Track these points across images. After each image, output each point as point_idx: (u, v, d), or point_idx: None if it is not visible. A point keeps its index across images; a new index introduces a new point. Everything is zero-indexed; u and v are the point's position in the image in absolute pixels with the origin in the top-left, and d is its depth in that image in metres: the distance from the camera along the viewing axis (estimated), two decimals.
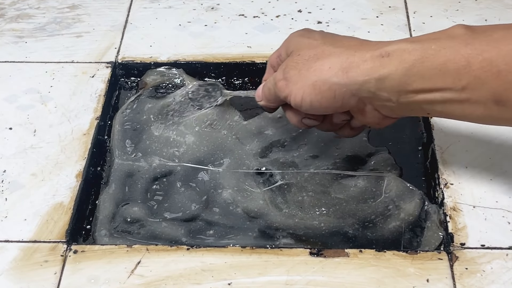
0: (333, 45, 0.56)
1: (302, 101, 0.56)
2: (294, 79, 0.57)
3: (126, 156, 0.68)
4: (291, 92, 0.57)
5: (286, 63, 0.58)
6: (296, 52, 0.58)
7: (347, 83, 0.54)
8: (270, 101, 0.62)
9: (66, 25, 0.83)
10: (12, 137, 0.69)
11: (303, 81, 0.56)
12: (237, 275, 0.56)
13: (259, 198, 0.64)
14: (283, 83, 0.58)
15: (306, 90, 0.56)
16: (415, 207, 0.62)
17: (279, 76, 0.58)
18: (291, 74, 0.57)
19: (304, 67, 0.56)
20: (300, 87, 0.56)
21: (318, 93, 0.55)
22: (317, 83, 0.55)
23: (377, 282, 0.55)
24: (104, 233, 0.62)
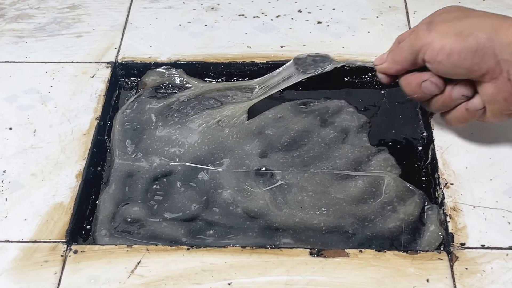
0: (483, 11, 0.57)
1: (441, 50, 0.55)
2: (439, 29, 0.56)
3: (126, 156, 0.68)
4: (432, 41, 0.56)
5: (432, 18, 0.58)
6: (445, 12, 0.58)
7: (493, 39, 0.54)
8: (396, 61, 0.61)
9: (66, 25, 0.83)
10: (12, 137, 0.69)
11: (449, 31, 0.55)
12: (237, 275, 0.56)
13: (259, 198, 0.64)
14: (425, 32, 0.57)
15: (449, 40, 0.55)
16: (415, 207, 0.62)
17: (422, 27, 0.58)
18: (436, 26, 0.57)
19: (453, 20, 0.56)
20: (443, 37, 0.55)
21: (462, 41, 0.55)
22: (463, 32, 0.55)
23: (377, 282, 0.55)
24: (104, 233, 0.62)
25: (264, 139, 0.69)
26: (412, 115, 0.72)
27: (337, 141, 0.69)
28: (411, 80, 0.60)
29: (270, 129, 0.70)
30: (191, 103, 0.73)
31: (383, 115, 0.73)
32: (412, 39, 0.59)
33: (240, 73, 0.78)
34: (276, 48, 0.78)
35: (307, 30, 0.81)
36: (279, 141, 0.69)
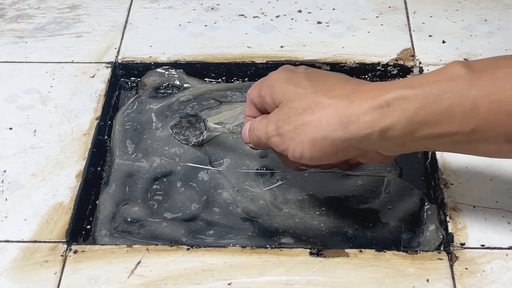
0: (325, 95, 0.53)
1: (302, 156, 0.54)
2: (290, 135, 0.54)
3: (127, 156, 0.68)
4: (288, 148, 0.54)
5: (277, 116, 0.55)
6: (286, 105, 0.55)
7: (348, 138, 0.52)
8: (260, 147, 0.60)
9: (66, 25, 0.83)
10: (12, 137, 0.69)
11: (301, 137, 0.53)
12: (237, 275, 0.56)
13: (259, 198, 0.64)
14: (278, 139, 0.55)
15: (305, 146, 0.53)
16: (415, 207, 0.62)
17: (272, 131, 0.55)
18: (285, 130, 0.54)
19: (298, 121, 0.53)
20: (298, 143, 0.53)
21: (319, 149, 0.53)
22: (316, 139, 0.52)
23: (377, 282, 0.55)
24: (104, 233, 0.61)
25: None
26: None
27: None
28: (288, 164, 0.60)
29: None
30: (190, 103, 0.74)
31: None
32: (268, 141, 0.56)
33: (240, 73, 0.78)
34: (276, 48, 0.79)
35: (307, 30, 0.81)
36: None
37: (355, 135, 0.51)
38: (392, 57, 0.77)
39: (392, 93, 0.50)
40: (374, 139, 0.51)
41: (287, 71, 0.58)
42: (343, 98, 0.52)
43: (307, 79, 0.55)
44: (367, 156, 0.55)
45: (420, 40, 0.79)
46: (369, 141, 0.51)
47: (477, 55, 0.76)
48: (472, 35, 0.79)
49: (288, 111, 0.54)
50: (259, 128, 0.57)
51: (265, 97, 0.57)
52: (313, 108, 0.53)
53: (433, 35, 0.79)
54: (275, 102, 0.56)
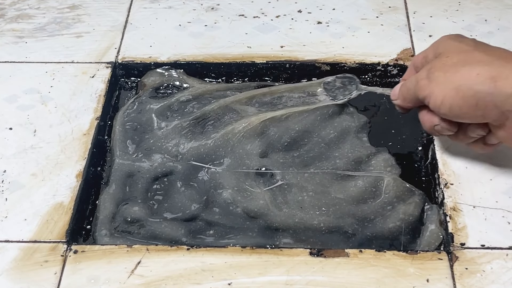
0: (484, 52, 0.55)
1: (442, 104, 0.55)
2: (438, 80, 0.55)
3: (127, 156, 0.68)
4: (432, 93, 0.55)
5: (432, 64, 0.57)
6: (444, 54, 0.57)
7: (493, 93, 0.52)
8: (406, 100, 0.61)
9: (66, 25, 0.83)
10: (12, 137, 0.69)
11: (447, 83, 0.54)
12: (237, 275, 0.56)
13: (259, 198, 0.64)
14: (425, 82, 0.56)
15: (448, 93, 0.54)
16: (415, 207, 0.62)
17: (422, 75, 0.57)
18: (436, 75, 0.56)
19: (451, 69, 0.55)
20: (442, 89, 0.55)
21: (461, 98, 0.54)
22: (461, 87, 0.54)
23: (377, 282, 0.55)
24: (104, 233, 0.62)
25: (266, 139, 0.69)
26: (412, 115, 0.72)
27: (337, 141, 0.69)
28: (425, 121, 0.60)
29: (272, 128, 0.70)
30: (191, 103, 0.74)
31: (383, 115, 0.73)
32: (415, 85, 0.58)
33: (240, 73, 0.78)
34: (276, 48, 0.79)
35: (307, 30, 0.81)
36: (280, 141, 0.69)
37: (501, 91, 0.52)
38: (392, 57, 0.77)
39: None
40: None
41: (457, 35, 0.60)
42: (499, 58, 0.54)
43: (473, 41, 0.58)
44: (506, 126, 0.55)
45: (420, 40, 0.79)
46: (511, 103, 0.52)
47: None
48: (472, 35, 0.79)
49: (444, 59, 0.56)
50: (411, 79, 0.59)
51: (428, 54, 0.60)
52: (468, 60, 0.55)
53: (433, 35, 0.79)
54: (436, 54, 0.58)
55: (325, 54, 0.77)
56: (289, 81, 0.77)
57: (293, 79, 0.77)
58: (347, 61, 0.76)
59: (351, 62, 0.76)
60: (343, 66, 0.76)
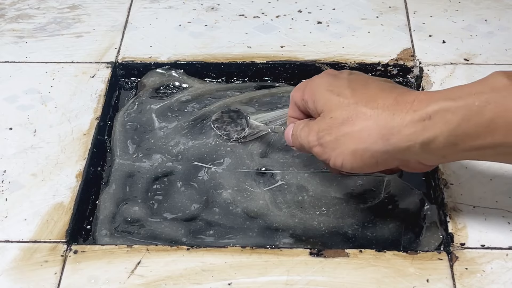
0: (366, 106, 0.53)
1: (343, 166, 0.54)
2: (330, 146, 0.55)
3: (127, 156, 0.68)
4: (329, 157, 0.55)
5: (319, 126, 0.55)
6: (327, 114, 0.55)
7: (389, 150, 0.52)
8: (303, 152, 0.61)
9: (66, 25, 0.83)
10: (12, 137, 0.69)
11: (341, 148, 0.54)
12: (237, 275, 0.56)
13: (259, 198, 0.64)
14: (320, 149, 0.56)
15: (346, 157, 0.54)
16: (415, 207, 0.62)
17: (313, 141, 0.56)
18: (326, 140, 0.55)
19: (340, 132, 0.54)
20: (338, 154, 0.54)
21: (360, 161, 0.53)
22: (357, 151, 0.53)
23: (377, 282, 0.55)
24: (104, 233, 0.61)
25: (266, 139, 0.69)
26: None
27: None
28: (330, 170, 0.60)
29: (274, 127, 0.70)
30: (191, 103, 0.74)
31: None
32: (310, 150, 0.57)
33: (240, 73, 0.78)
34: (276, 48, 0.79)
35: (307, 30, 0.81)
36: (280, 141, 0.69)
37: (396, 147, 0.52)
38: (392, 57, 0.77)
39: (434, 105, 0.50)
40: (416, 151, 0.51)
41: (330, 76, 0.58)
42: (385, 110, 0.52)
43: (349, 87, 0.55)
44: (409, 165, 0.55)
45: (420, 40, 0.79)
46: (411, 153, 0.52)
47: (477, 55, 0.76)
48: (472, 35, 0.79)
49: (329, 121, 0.55)
50: (301, 136, 0.58)
51: (307, 103, 0.58)
52: (354, 119, 0.53)
53: (433, 35, 0.79)
54: (317, 110, 0.57)
55: (325, 54, 0.77)
56: (289, 81, 0.77)
57: (293, 79, 0.77)
58: (347, 61, 0.76)
59: (351, 62, 0.76)
60: (343, 66, 0.76)
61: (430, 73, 0.74)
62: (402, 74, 0.76)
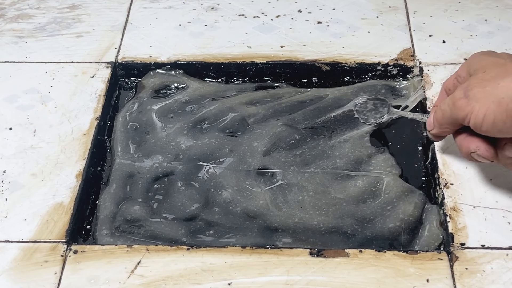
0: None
1: (484, 119, 0.53)
2: (478, 96, 0.54)
3: (128, 156, 0.68)
4: (472, 110, 0.54)
5: (469, 81, 0.55)
6: (480, 70, 0.55)
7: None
8: (443, 125, 0.59)
9: (66, 25, 0.83)
10: (12, 137, 0.69)
11: (488, 98, 0.53)
12: (237, 275, 0.56)
13: (260, 198, 0.64)
14: (464, 101, 0.54)
15: (490, 107, 0.53)
16: (415, 207, 0.62)
17: (459, 95, 0.55)
18: (474, 92, 0.54)
19: (490, 84, 0.53)
20: (483, 104, 0.53)
21: (504, 111, 0.52)
22: (504, 100, 0.52)
23: (377, 282, 0.55)
24: (105, 232, 0.62)
25: (273, 137, 0.69)
26: None
27: (338, 141, 0.69)
28: (461, 147, 0.58)
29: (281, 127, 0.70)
30: (191, 103, 0.74)
31: None
32: (452, 107, 0.56)
33: (240, 73, 0.78)
34: (276, 48, 0.79)
35: (307, 30, 0.81)
36: (285, 140, 0.69)
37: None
38: (392, 57, 0.77)
39: None
40: None
41: (488, 51, 0.59)
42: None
43: (506, 53, 0.57)
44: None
45: (420, 40, 0.79)
46: None
47: None
48: (472, 35, 0.79)
49: (481, 75, 0.55)
50: (444, 102, 0.57)
51: (460, 74, 0.58)
52: (508, 72, 0.53)
53: (433, 35, 0.79)
54: (470, 72, 0.57)
55: (325, 54, 0.77)
56: (289, 81, 0.77)
57: (293, 79, 0.77)
58: (347, 61, 0.76)
59: (351, 62, 0.76)
60: (343, 66, 0.76)
61: (430, 73, 0.74)
62: (402, 74, 0.76)
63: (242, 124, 0.71)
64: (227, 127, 0.71)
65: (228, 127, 0.71)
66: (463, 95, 0.55)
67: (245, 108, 0.72)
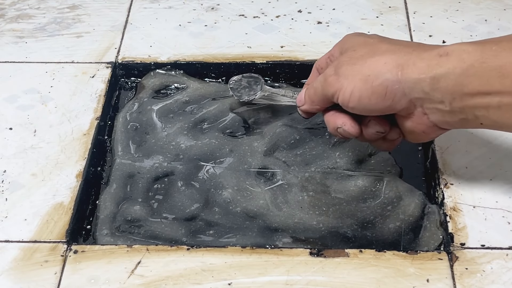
0: (390, 44, 0.56)
1: (351, 96, 0.55)
2: (346, 73, 0.55)
3: (128, 156, 0.68)
4: (341, 86, 0.56)
5: (339, 59, 0.57)
6: (351, 49, 0.57)
7: (400, 80, 0.53)
8: (314, 102, 0.60)
9: (66, 25, 0.83)
10: (12, 137, 0.69)
11: (356, 75, 0.55)
12: (237, 275, 0.56)
13: (260, 198, 0.64)
14: (334, 78, 0.56)
15: (357, 84, 0.54)
16: (415, 207, 0.62)
17: (330, 72, 0.57)
18: (343, 69, 0.56)
19: (359, 61, 0.55)
20: (351, 81, 0.55)
21: (369, 88, 0.54)
22: (370, 77, 0.54)
23: (377, 282, 0.55)
24: (105, 232, 0.62)
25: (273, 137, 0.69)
26: None
27: (338, 140, 0.69)
28: (328, 123, 0.60)
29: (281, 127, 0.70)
30: (191, 104, 0.74)
31: None
32: (323, 83, 0.58)
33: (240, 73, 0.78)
34: (276, 48, 0.79)
35: (307, 30, 0.81)
36: (286, 140, 0.69)
37: (408, 78, 0.53)
38: None
39: (454, 46, 0.52)
40: (425, 86, 0.52)
41: (360, 32, 0.61)
42: (406, 47, 0.55)
43: (377, 35, 0.59)
44: (413, 116, 0.55)
45: (420, 40, 0.79)
46: (419, 90, 0.53)
47: None
48: (472, 35, 0.79)
49: (351, 53, 0.57)
50: (317, 79, 0.59)
51: (334, 54, 0.60)
52: (375, 51, 0.55)
53: (433, 35, 0.79)
54: (341, 51, 0.59)
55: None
56: (289, 81, 0.77)
57: (293, 79, 0.77)
58: None
59: None
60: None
61: None
62: None
63: (242, 124, 0.71)
64: (227, 127, 0.71)
65: (228, 127, 0.71)
66: (333, 72, 0.57)
67: (245, 108, 0.72)
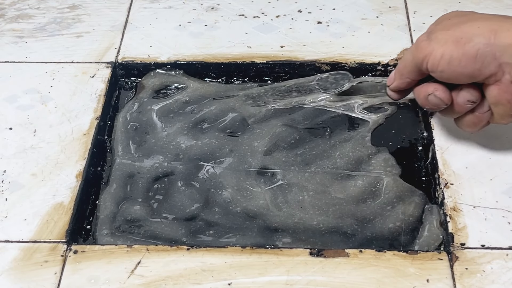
0: (483, 14, 0.57)
1: (441, 58, 0.55)
2: (439, 38, 0.56)
3: (128, 156, 0.68)
4: (432, 51, 0.56)
5: (432, 26, 0.58)
6: (446, 19, 0.58)
7: (492, 43, 0.54)
8: (404, 75, 0.61)
9: (66, 25, 0.83)
10: (12, 137, 0.69)
11: (448, 39, 0.56)
12: (237, 275, 0.56)
13: (260, 198, 0.64)
14: (426, 43, 0.57)
15: (448, 47, 0.55)
16: (415, 207, 0.62)
17: (422, 38, 0.58)
18: (436, 35, 0.57)
19: (452, 27, 0.56)
20: (443, 44, 0.56)
21: (460, 49, 0.55)
22: (462, 40, 0.55)
23: (377, 282, 0.55)
24: (105, 232, 0.62)
25: (275, 137, 0.69)
26: (412, 116, 0.72)
27: (338, 140, 0.69)
28: (419, 93, 0.60)
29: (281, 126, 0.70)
30: (191, 103, 0.74)
31: None
32: (414, 51, 0.59)
33: (240, 73, 0.78)
34: (276, 48, 0.79)
35: (307, 30, 0.81)
36: (286, 140, 0.69)
37: (501, 42, 0.54)
38: (392, 57, 0.77)
39: None
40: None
41: None
42: (501, 16, 0.56)
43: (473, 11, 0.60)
44: (502, 83, 0.56)
45: None
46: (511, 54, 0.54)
47: None
48: None
49: (445, 22, 0.58)
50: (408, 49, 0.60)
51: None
52: (469, 18, 0.57)
53: None
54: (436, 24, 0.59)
55: (325, 54, 0.77)
56: None
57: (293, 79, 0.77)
58: (347, 61, 0.76)
59: (351, 62, 0.76)
60: (343, 66, 0.76)
61: None
62: None
63: (242, 124, 0.71)
64: (227, 127, 0.71)
65: (228, 127, 0.71)
66: (426, 38, 0.58)
67: (245, 108, 0.72)
